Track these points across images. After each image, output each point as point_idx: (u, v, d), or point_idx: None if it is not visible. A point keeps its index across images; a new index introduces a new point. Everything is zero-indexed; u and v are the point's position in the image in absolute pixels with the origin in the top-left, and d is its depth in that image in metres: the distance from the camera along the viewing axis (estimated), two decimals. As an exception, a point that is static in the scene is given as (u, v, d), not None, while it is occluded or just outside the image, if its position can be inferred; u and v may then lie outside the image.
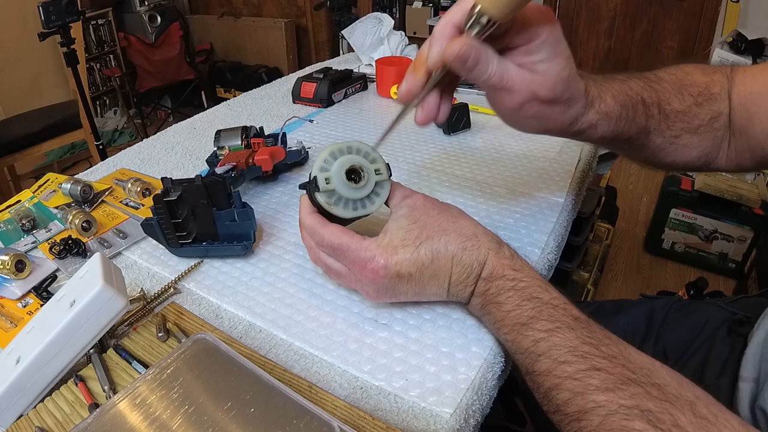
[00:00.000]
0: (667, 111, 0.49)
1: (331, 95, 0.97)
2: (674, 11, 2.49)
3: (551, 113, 0.42)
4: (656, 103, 0.48)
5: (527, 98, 0.40)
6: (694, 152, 0.51)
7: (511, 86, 0.40)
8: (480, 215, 0.59)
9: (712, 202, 1.74)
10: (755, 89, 0.48)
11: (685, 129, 0.50)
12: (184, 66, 3.46)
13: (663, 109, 0.48)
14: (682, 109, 0.49)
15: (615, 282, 1.85)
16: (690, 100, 0.49)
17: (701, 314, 0.65)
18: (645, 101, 0.47)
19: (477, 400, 0.39)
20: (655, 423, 0.30)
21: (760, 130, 0.48)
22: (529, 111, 0.42)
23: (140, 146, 0.83)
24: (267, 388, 0.32)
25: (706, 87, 0.50)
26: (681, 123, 0.49)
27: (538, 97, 0.41)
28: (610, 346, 0.35)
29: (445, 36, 0.39)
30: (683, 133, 0.50)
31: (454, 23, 0.39)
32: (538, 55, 0.39)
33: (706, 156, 0.52)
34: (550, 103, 0.41)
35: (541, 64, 0.39)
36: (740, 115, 0.49)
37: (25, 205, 0.65)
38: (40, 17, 1.78)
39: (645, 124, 0.48)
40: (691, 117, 0.49)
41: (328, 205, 0.43)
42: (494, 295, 0.40)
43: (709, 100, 0.50)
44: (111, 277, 0.41)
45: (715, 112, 0.50)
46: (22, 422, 0.38)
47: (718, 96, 0.50)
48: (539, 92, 0.40)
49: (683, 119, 0.49)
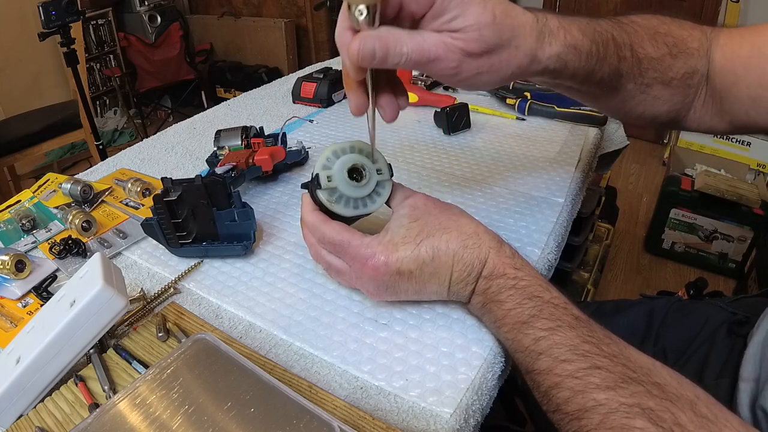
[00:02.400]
0: (640, 55, 0.46)
1: (331, 95, 0.97)
2: (674, 11, 2.49)
3: (497, 62, 0.39)
4: (628, 45, 0.46)
5: (460, 58, 0.37)
6: (664, 106, 0.49)
7: (437, 54, 0.37)
8: (480, 215, 0.59)
9: (712, 202, 1.74)
10: (744, 52, 0.46)
11: (658, 79, 0.48)
12: (184, 66, 3.46)
13: (636, 52, 0.46)
14: (656, 56, 0.47)
15: (615, 282, 1.85)
16: (664, 49, 0.47)
17: (701, 314, 0.65)
18: (616, 40, 0.45)
19: (477, 400, 0.39)
20: (656, 421, 0.30)
21: (746, 95, 0.46)
22: (470, 69, 0.38)
23: (140, 146, 0.83)
24: (267, 388, 0.32)
25: (682, 39, 0.48)
26: (654, 71, 0.47)
27: (470, 53, 0.37)
28: (611, 345, 0.35)
29: (345, 43, 0.37)
30: (655, 83, 0.48)
31: (346, 28, 0.37)
32: (447, 14, 0.37)
33: (676, 112, 0.50)
34: (488, 53, 0.38)
35: (455, 20, 0.37)
36: (725, 78, 0.47)
37: (25, 205, 0.65)
38: (40, 17, 1.78)
39: (617, 65, 0.45)
40: (664, 67, 0.47)
41: (330, 203, 0.43)
42: (495, 294, 0.40)
43: (685, 53, 0.48)
44: (111, 277, 0.41)
45: (690, 68, 0.48)
46: (22, 422, 0.38)
47: (696, 51, 0.48)
48: (468, 47, 0.37)
49: (656, 67, 0.47)
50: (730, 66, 0.47)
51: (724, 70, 0.47)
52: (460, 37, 0.37)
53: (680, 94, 0.49)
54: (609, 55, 0.44)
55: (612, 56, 0.44)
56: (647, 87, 0.48)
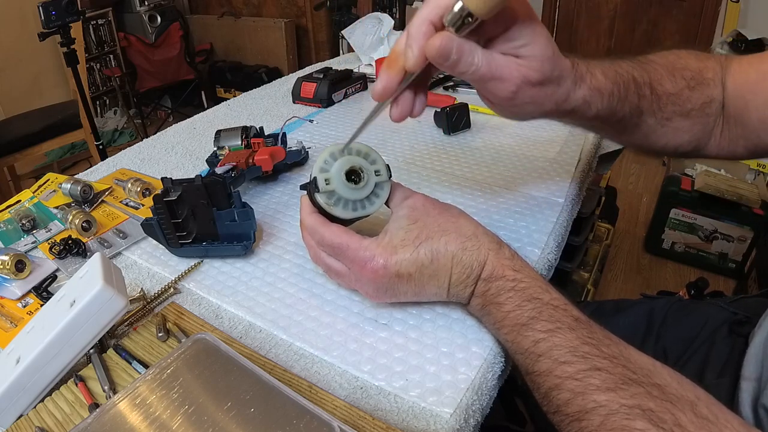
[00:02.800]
0: (659, 92, 0.49)
1: (331, 95, 0.97)
2: (674, 11, 2.49)
3: (544, 94, 0.42)
4: (648, 83, 0.48)
5: (519, 84, 0.40)
6: (686, 136, 0.51)
7: (501, 74, 0.39)
8: (480, 215, 0.59)
9: (712, 202, 1.74)
10: (751, 78, 0.48)
11: (677, 112, 0.50)
12: (184, 66, 3.46)
13: (655, 89, 0.48)
14: (675, 91, 0.49)
15: (615, 282, 1.85)
16: (682, 83, 0.49)
17: (701, 314, 0.65)
18: (636, 80, 0.47)
19: (477, 400, 0.39)
20: (656, 422, 0.30)
21: (756, 118, 0.48)
22: (524, 97, 0.41)
23: (140, 146, 0.83)
24: (267, 388, 0.32)
25: (699, 72, 0.50)
26: (673, 105, 0.49)
27: (530, 81, 0.40)
28: (611, 346, 0.35)
29: (423, 33, 0.38)
30: (675, 116, 0.50)
31: (430, 20, 0.38)
32: (519, 41, 0.39)
33: (697, 141, 0.52)
34: (541, 85, 0.41)
35: (524, 48, 0.39)
36: (736, 103, 0.49)
37: (25, 205, 0.65)
38: (40, 17, 1.78)
39: (637, 103, 0.48)
40: (683, 100, 0.49)
41: (328, 206, 0.43)
42: (494, 296, 0.40)
43: (702, 84, 0.50)
44: (111, 277, 0.41)
45: (708, 98, 0.50)
46: (22, 422, 0.38)
47: (711, 81, 0.50)
48: (529, 75, 0.40)
49: (675, 101, 0.49)
50: (740, 92, 0.49)
51: (735, 96, 0.49)
52: (524, 64, 0.40)
53: (700, 123, 0.51)
54: (629, 95, 0.47)
55: (632, 95, 0.47)
56: (667, 120, 0.50)
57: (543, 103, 0.43)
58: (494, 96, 0.42)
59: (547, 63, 0.40)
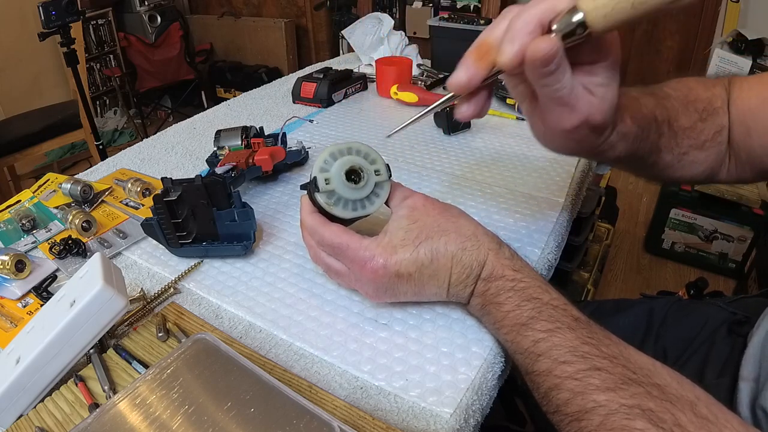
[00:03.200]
0: (675, 128, 0.48)
1: (331, 95, 0.97)
2: (674, 11, 2.49)
3: (593, 138, 0.41)
4: (666, 120, 0.48)
5: (582, 120, 0.38)
6: (700, 167, 0.51)
7: (574, 104, 0.37)
8: (480, 215, 0.59)
9: (712, 202, 1.74)
10: (752, 104, 0.48)
11: (693, 145, 0.49)
12: (184, 66, 3.45)
13: (672, 126, 0.48)
14: (689, 125, 0.49)
15: (615, 282, 1.85)
16: (696, 116, 0.49)
17: (701, 314, 0.65)
18: (657, 119, 0.47)
19: (477, 400, 0.39)
20: (656, 422, 0.30)
21: (758, 144, 0.48)
22: (579, 134, 0.39)
23: (140, 146, 0.83)
24: (267, 388, 0.32)
25: (709, 102, 0.50)
26: (689, 140, 0.49)
27: (591, 122, 0.38)
28: (611, 346, 0.35)
29: (529, 33, 0.34)
30: (691, 150, 0.50)
31: (541, 21, 0.34)
32: (599, 78, 0.37)
33: (711, 170, 0.52)
34: (597, 129, 0.40)
35: (600, 87, 0.37)
36: (739, 129, 0.49)
37: (25, 205, 0.65)
38: (40, 17, 1.78)
39: (657, 142, 0.47)
40: (697, 133, 0.49)
41: (328, 206, 0.43)
42: (494, 296, 0.40)
43: (713, 114, 0.50)
44: (111, 277, 0.41)
45: (719, 126, 0.50)
46: (22, 422, 0.38)
47: (721, 110, 0.50)
48: (593, 116, 0.38)
49: (690, 135, 0.49)
50: (742, 118, 0.49)
51: (737, 122, 0.49)
52: (595, 104, 0.38)
53: (713, 153, 0.51)
54: (651, 135, 0.47)
55: (653, 135, 0.47)
56: (684, 155, 0.50)
57: (586, 144, 0.41)
58: (554, 123, 0.39)
59: (610, 111, 0.39)
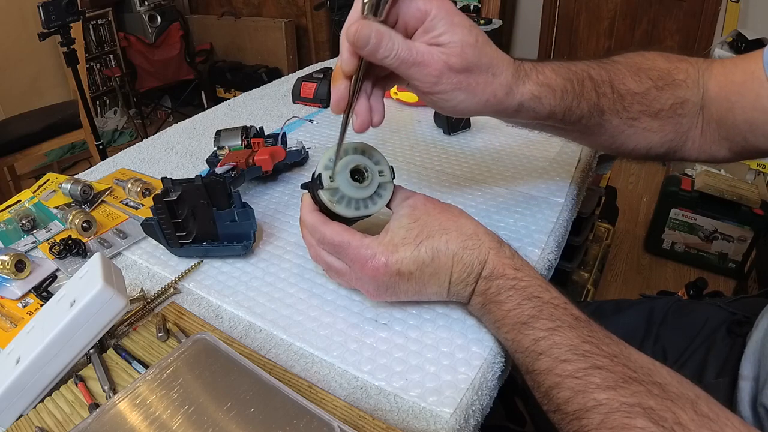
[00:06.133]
0: (621, 91, 0.48)
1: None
2: (674, 11, 2.49)
3: (474, 82, 0.42)
4: (607, 81, 0.48)
5: (441, 69, 0.40)
6: (656, 137, 0.51)
7: (422, 59, 0.40)
8: (480, 215, 0.59)
9: (712, 202, 1.74)
10: (737, 78, 0.48)
11: (645, 112, 0.49)
12: (184, 66, 3.45)
13: (616, 88, 0.48)
14: (640, 90, 0.49)
15: (615, 282, 1.85)
16: (649, 83, 0.49)
17: (701, 314, 0.65)
18: (593, 78, 0.47)
19: (477, 400, 0.39)
20: (657, 420, 0.30)
21: (742, 120, 0.47)
22: (448, 83, 0.41)
23: (140, 146, 0.83)
24: (267, 388, 0.32)
25: (668, 72, 0.50)
26: (639, 105, 0.49)
27: (452, 67, 0.41)
28: (611, 345, 0.35)
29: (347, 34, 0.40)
30: (642, 116, 0.50)
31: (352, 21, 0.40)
32: (436, 30, 0.40)
33: (670, 142, 0.52)
34: (467, 71, 0.41)
35: (443, 36, 0.40)
36: (719, 104, 0.49)
37: (25, 205, 0.65)
38: (40, 17, 1.77)
39: (597, 101, 0.48)
40: (650, 100, 0.49)
41: (331, 203, 0.43)
42: (495, 294, 0.40)
43: (671, 85, 0.50)
44: (111, 277, 0.41)
45: (678, 98, 0.50)
46: (22, 422, 0.38)
47: (683, 83, 0.50)
48: (450, 61, 0.40)
49: (642, 101, 0.49)
50: (723, 93, 0.49)
51: (719, 98, 0.49)
52: (444, 51, 0.40)
53: (671, 124, 0.50)
54: (586, 92, 0.47)
55: (590, 93, 0.47)
56: (634, 120, 0.50)
57: (475, 91, 0.42)
58: (420, 82, 0.41)
59: (469, 49, 0.41)
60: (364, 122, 0.43)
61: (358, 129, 0.43)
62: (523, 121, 0.49)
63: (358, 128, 0.43)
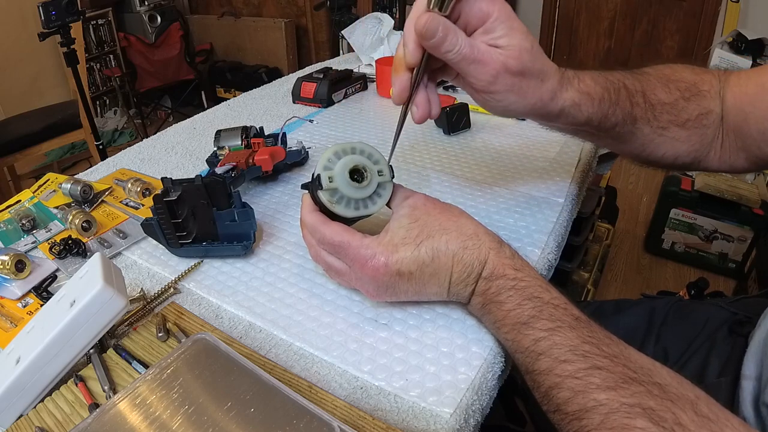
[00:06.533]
0: (653, 101, 0.50)
1: (331, 95, 0.97)
2: (674, 11, 2.49)
3: (526, 86, 0.44)
4: (640, 91, 0.50)
5: (499, 69, 0.42)
6: (683, 147, 0.52)
7: (482, 57, 0.42)
8: (480, 215, 0.59)
9: (712, 202, 1.74)
10: (750, 90, 0.50)
11: (673, 121, 0.51)
12: (184, 66, 3.46)
13: (648, 98, 0.50)
14: (669, 101, 0.51)
15: (615, 282, 1.85)
16: (677, 93, 0.51)
17: (701, 314, 0.65)
18: (628, 87, 0.49)
19: (477, 400, 0.39)
20: (657, 421, 0.30)
21: (756, 130, 0.49)
22: (504, 83, 0.43)
23: (140, 146, 0.83)
24: (267, 388, 0.32)
25: (693, 84, 0.52)
26: (668, 115, 0.51)
27: (509, 69, 0.42)
28: (611, 345, 0.35)
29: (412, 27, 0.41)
30: (671, 125, 0.51)
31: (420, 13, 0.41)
32: (496, 32, 0.42)
33: (696, 152, 0.53)
34: (521, 75, 0.43)
35: (502, 38, 0.42)
36: (736, 115, 0.50)
37: (25, 205, 0.65)
38: (40, 17, 1.78)
39: (630, 110, 0.49)
40: (678, 110, 0.51)
41: (331, 204, 0.43)
42: (495, 295, 0.40)
43: (697, 96, 0.51)
44: (111, 277, 0.41)
45: (704, 109, 0.51)
46: (22, 422, 0.38)
47: (707, 94, 0.51)
48: (508, 63, 0.42)
49: (671, 111, 0.51)
50: (739, 104, 0.50)
51: (735, 109, 0.51)
52: (502, 53, 0.42)
53: (697, 134, 0.52)
54: (621, 101, 0.49)
55: (624, 102, 0.49)
56: (663, 129, 0.51)
57: (526, 95, 0.44)
58: (476, 80, 0.43)
59: (526, 54, 0.42)
60: (425, 114, 0.45)
61: (419, 120, 0.45)
62: (561, 125, 0.51)
63: (419, 119, 0.45)
